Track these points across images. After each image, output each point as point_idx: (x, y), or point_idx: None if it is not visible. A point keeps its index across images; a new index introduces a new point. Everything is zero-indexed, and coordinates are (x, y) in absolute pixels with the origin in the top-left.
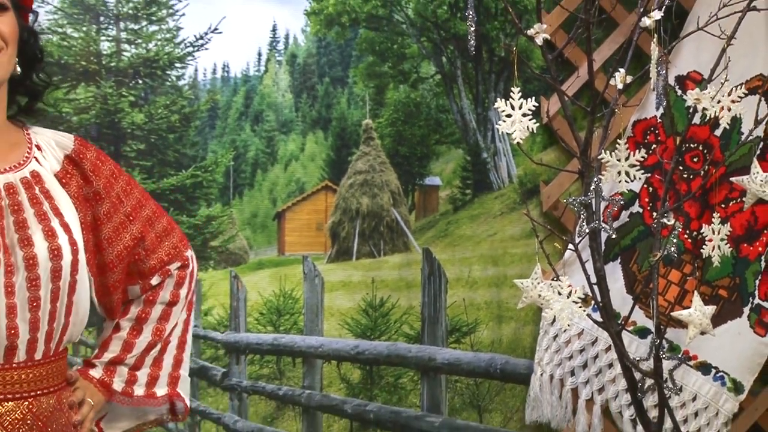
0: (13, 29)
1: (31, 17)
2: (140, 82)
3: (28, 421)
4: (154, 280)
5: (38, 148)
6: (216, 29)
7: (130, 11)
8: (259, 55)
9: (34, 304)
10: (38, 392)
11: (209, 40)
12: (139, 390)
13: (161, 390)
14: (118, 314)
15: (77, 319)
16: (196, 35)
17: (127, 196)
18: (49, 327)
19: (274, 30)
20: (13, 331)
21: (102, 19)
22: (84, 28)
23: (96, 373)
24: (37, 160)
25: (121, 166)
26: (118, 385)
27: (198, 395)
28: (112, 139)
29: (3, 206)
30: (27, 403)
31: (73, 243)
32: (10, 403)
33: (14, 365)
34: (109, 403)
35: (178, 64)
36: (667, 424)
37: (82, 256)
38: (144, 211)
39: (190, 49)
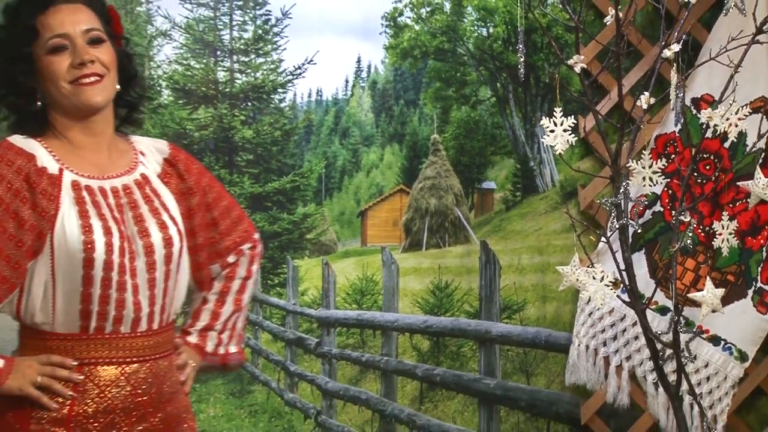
0: (111, 57)
1: (123, 42)
2: (249, 104)
3: (149, 380)
4: (231, 258)
5: (141, 153)
6: (311, 61)
7: (242, 46)
8: (346, 81)
9: (152, 283)
10: (156, 356)
11: (306, 69)
12: (221, 350)
13: (233, 348)
14: (206, 286)
15: (179, 295)
16: (295, 66)
17: (210, 190)
18: (163, 302)
19: (358, 61)
20: (137, 306)
21: (218, 53)
22: (204, 61)
23: (192, 339)
24: (143, 164)
25: (223, 178)
26: (209, 347)
27: (296, 360)
28: (226, 151)
29: (123, 204)
30: (148, 364)
31: (179, 233)
32: (135, 364)
33: (138, 334)
34: (202, 362)
35: (280, 90)
36: (684, 386)
37: (184, 243)
38: (222, 202)
39: (290, 77)
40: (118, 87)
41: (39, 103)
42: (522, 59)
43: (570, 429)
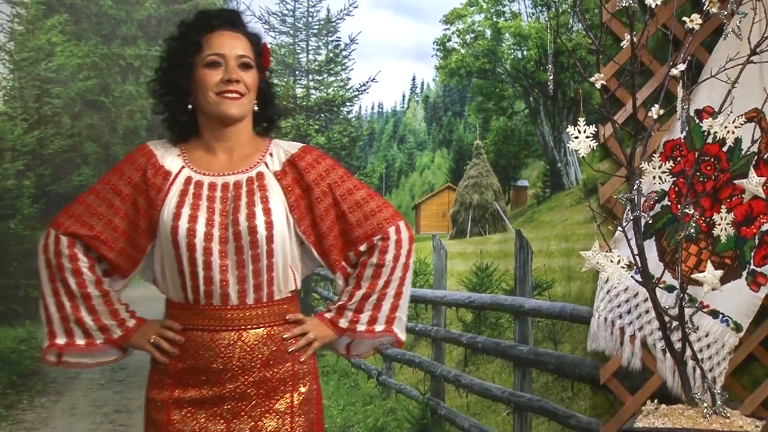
0: (254, 82)
1: (267, 74)
2: (322, 115)
3: (237, 347)
4: (362, 248)
5: (270, 155)
6: (374, 79)
7: (316, 67)
8: (403, 96)
9: (240, 264)
10: (248, 327)
11: (369, 86)
12: (360, 327)
13: (379, 327)
14: (339, 269)
15: (279, 275)
16: (360, 83)
17: (338, 186)
18: (255, 281)
19: (413, 79)
20: (224, 283)
21: (297, 72)
22: (284, 79)
23: (329, 315)
24: (266, 164)
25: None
26: (343, 323)
27: None
28: None
29: (228, 197)
30: (237, 333)
31: (267, 223)
32: (224, 332)
33: (229, 307)
34: (339, 336)
35: (347, 103)
36: (688, 352)
37: (276, 231)
38: (354, 196)
39: (356, 93)
40: (255, 108)
41: (189, 106)
42: (551, 77)
43: (591, 388)
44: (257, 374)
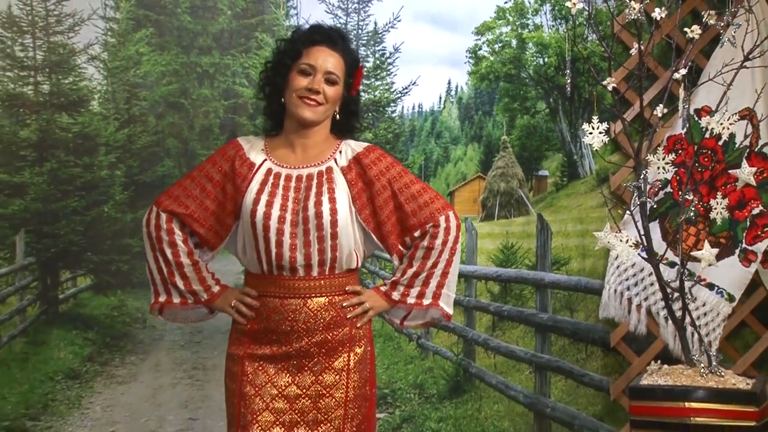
0: (336, 96)
1: (356, 92)
2: (370, 114)
3: (303, 312)
4: (416, 234)
5: (339, 152)
6: (414, 83)
7: (364, 73)
8: (440, 98)
9: (307, 244)
10: (312, 295)
11: (410, 89)
12: (410, 300)
13: (427, 301)
14: (395, 252)
15: (343, 254)
16: (402, 87)
17: (396, 181)
18: (319, 258)
19: (448, 83)
20: (292, 259)
21: None
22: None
23: (383, 288)
24: (335, 160)
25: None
26: (395, 296)
27: None
28: None
29: (301, 187)
30: (302, 300)
31: (332, 210)
32: (292, 299)
33: (296, 278)
34: (391, 307)
35: (392, 104)
36: (687, 320)
37: (340, 217)
38: (410, 190)
39: (399, 95)
40: (338, 117)
41: (282, 100)
42: (569, 81)
43: (602, 350)
44: (319, 336)
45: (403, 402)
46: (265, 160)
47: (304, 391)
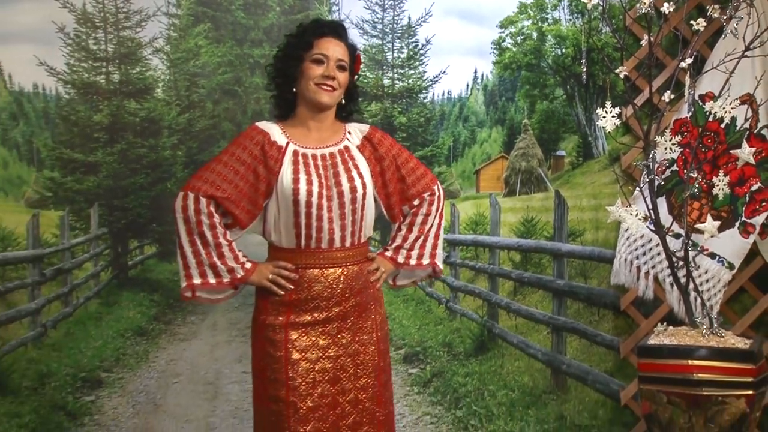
0: (345, 81)
1: (356, 77)
2: (404, 100)
3: (342, 279)
4: (415, 202)
5: (349, 133)
6: (444, 72)
7: (399, 63)
8: (467, 85)
9: (342, 216)
10: (348, 264)
11: (441, 78)
12: (412, 261)
13: (425, 260)
14: (397, 219)
15: (366, 224)
16: (433, 75)
17: (398, 157)
18: (352, 228)
19: (475, 72)
20: (331, 231)
21: (384, 67)
22: (375, 72)
23: (388, 253)
24: (348, 140)
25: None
26: (400, 259)
27: (459, 275)
28: (389, 131)
29: (327, 165)
30: (341, 269)
31: (362, 184)
32: (331, 269)
33: (333, 249)
34: (396, 269)
35: (423, 91)
36: (690, 286)
37: (368, 191)
38: (409, 164)
39: (430, 83)
40: (343, 101)
41: (294, 90)
42: (584, 69)
43: (613, 313)
44: (354, 299)
45: (434, 359)
46: (288, 142)
47: (344, 350)
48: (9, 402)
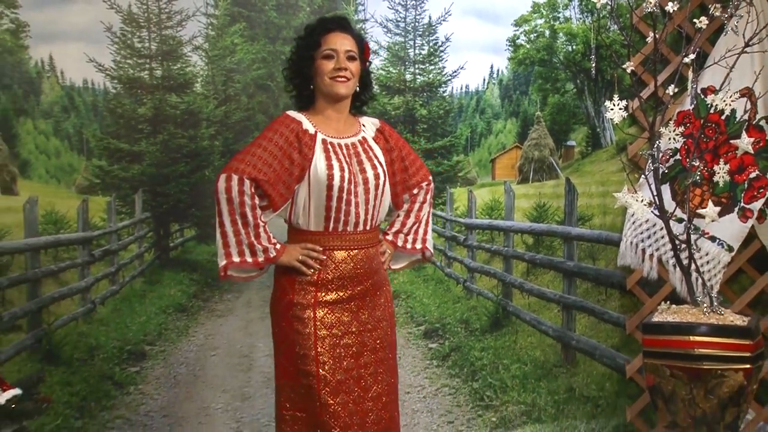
0: (357, 70)
1: (367, 64)
2: (424, 94)
3: (364, 259)
4: (415, 191)
5: (363, 126)
6: (462, 67)
7: (420, 59)
8: (484, 80)
9: (366, 201)
10: (368, 245)
11: (459, 73)
12: (408, 245)
13: (418, 245)
14: (399, 207)
15: (383, 210)
16: (452, 71)
17: (403, 149)
18: (372, 213)
19: (491, 67)
20: (357, 215)
21: (406, 63)
22: (398, 68)
23: (389, 237)
24: (364, 131)
25: (408, 138)
26: (400, 242)
27: (452, 249)
28: (410, 122)
29: (351, 153)
30: (363, 251)
31: (383, 172)
32: (355, 250)
33: (358, 232)
34: (394, 251)
35: (443, 85)
36: (692, 267)
37: (386, 179)
38: (410, 156)
39: (449, 77)
40: (357, 89)
41: (311, 87)
42: (593, 65)
43: (619, 293)
44: (373, 278)
45: (452, 335)
46: (317, 131)
47: (364, 326)
48: (62, 372)
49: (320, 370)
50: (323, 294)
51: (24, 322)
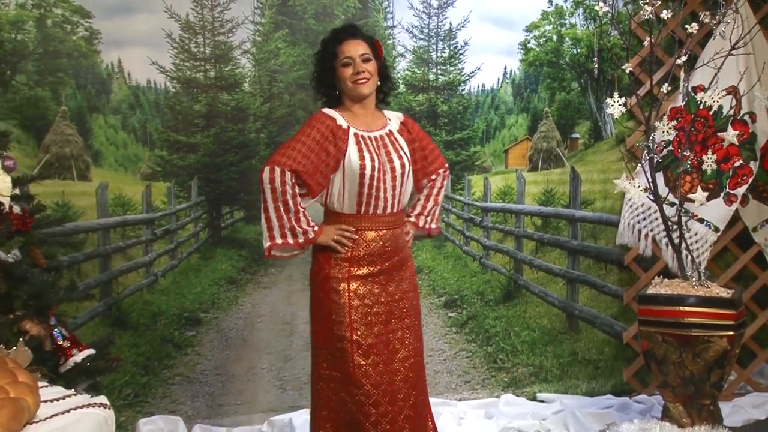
0: (374, 69)
1: (383, 60)
2: (445, 92)
3: (391, 238)
4: (433, 177)
5: (389, 119)
6: (479, 68)
7: (442, 61)
8: (498, 79)
9: (393, 188)
10: (394, 226)
11: (476, 73)
12: (426, 225)
13: (434, 225)
14: (419, 191)
15: (406, 195)
16: (470, 71)
17: (423, 139)
18: (399, 198)
19: (505, 68)
20: (385, 199)
21: (429, 64)
22: (421, 69)
23: (412, 218)
24: (389, 125)
25: (430, 131)
26: (421, 223)
27: (469, 229)
28: (433, 117)
29: (379, 145)
30: (391, 231)
31: (408, 161)
32: (383, 231)
33: (386, 214)
34: (416, 231)
35: (462, 84)
36: (683, 245)
37: (410, 167)
38: (430, 146)
39: (468, 77)
40: (378, 83)
41: (336, 93)
42: (596, 66)
43: (618, 268)
44: (398, 255)
45: (469, 305)
46: (349, 126)
47: (392, 296)
48: (129, 335)
49: (353, 335)
50: (356, 269)
51: (97, 291)
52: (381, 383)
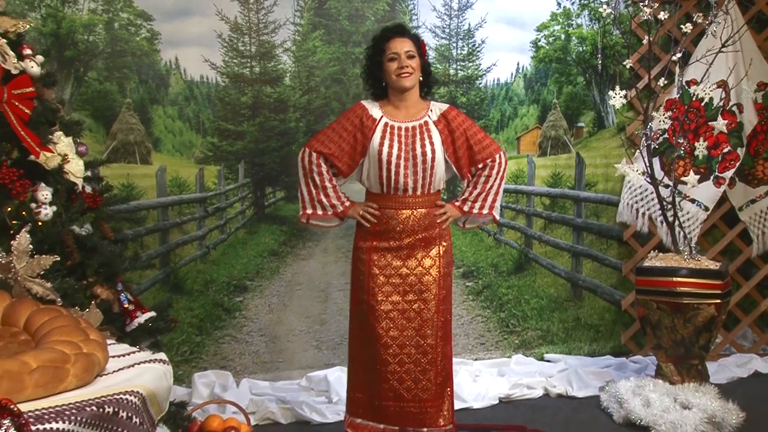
0: (417, 65)
1: (426, 57)
2: (464, 86)
3: (411, 218)
4: (480, 165)
5: (431, 110)
6: (494, 64)
7: (461, 57)
8: (512, 74)
9: (415, 173)
10: (417, 207)
11: (491, 68)
12: (475, 210)
13: (485, 210)
14: (465, 177)
15: (436, 180)
16: (487, 67)
17: (468, 130)
18: (422, 182)
19: (517, 64)
20: (405, 182)
21: (450, 60)
22: (443, 65)
23: (457, 203)
24: (429, 116)
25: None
26: (466, 208)
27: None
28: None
29: (409, 135)
30: (411, 211)
31: (434, 150)
32: (404, 210)
33: (407, 196)
34: (462, 216)
35: (479, 79)
36: (676, 223)
37: (437, 156)
38: (477, 137)
39: (484, 72)
40: (420, 79)
41: (384, 84)
42: (600, 62)
43: (618, 243)
44: (421, 234)
45: (484, 275)
46: (382, 116)
47: (412, 271)
48: (185, 299)
49: (370, 300)
50: (378, 242)
51: (157, 261)
52: (390, 345)
